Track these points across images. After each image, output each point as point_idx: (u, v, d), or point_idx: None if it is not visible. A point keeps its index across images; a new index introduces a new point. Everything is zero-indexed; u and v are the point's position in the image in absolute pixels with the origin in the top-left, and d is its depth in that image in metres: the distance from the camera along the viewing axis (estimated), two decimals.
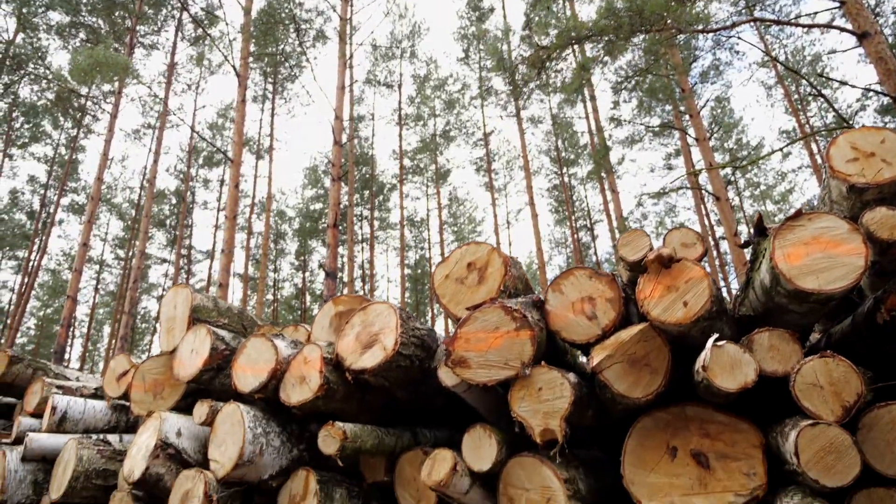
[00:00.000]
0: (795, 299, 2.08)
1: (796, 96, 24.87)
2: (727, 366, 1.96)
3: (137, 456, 2.93)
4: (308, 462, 2.78)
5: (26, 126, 27.52)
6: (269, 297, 32.62)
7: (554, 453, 2.23)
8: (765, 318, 2.34)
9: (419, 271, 31.64)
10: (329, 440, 2.45)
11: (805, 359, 1.96)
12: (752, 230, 2.45)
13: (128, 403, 3.70)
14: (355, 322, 2.72)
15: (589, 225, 30.40)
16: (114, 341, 28.76)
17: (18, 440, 3.74)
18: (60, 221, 32.54)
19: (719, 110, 26.09)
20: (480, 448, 2.34)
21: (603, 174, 20.80)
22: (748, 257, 2.56)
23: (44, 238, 28.05)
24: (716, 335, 2.02)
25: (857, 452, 1.81)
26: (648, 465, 2.18)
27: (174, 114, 14.34)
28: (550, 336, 2.65)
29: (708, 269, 2.15)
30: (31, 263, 27.86)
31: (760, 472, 2.03)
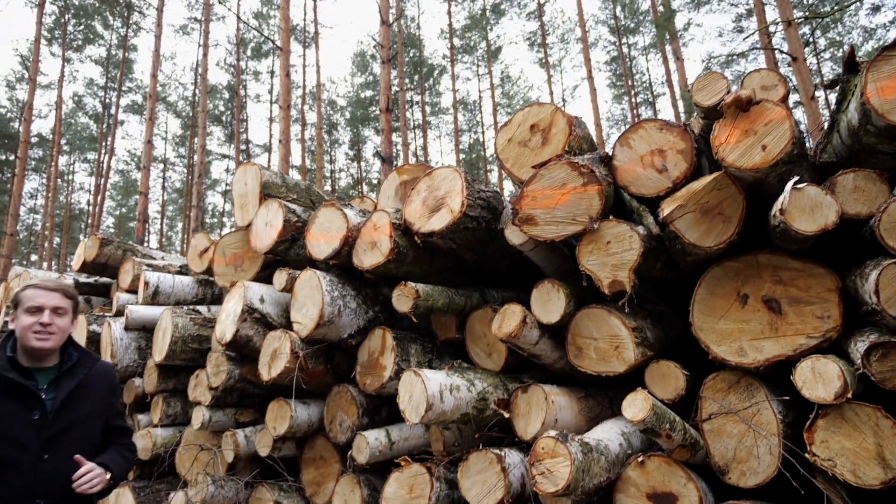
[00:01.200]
0: (886, 137, 1.96)
1: None
2: (806, 208, 1.90)
3: (227, 321, 3.18)
4: (383, 323, 2.95)
5: (78, 28, 27.68)
6: (327, 188, 33.22)
7: (622, 304, 2.28)
8: (848, 164, 2.22)
9: (473, 155, 31.27)
10: (403, 299, 2.58)
11: (893, 197, 1.87)
12: (840, 70, 2.27)
13: (211, 278, 3.96)
14: (421, 188, 2.75)
15: (650, 99, 28.90)
16: (186, 235, 30.32)
17: (119, 313, 4.09)
18: (123, 122, 33.46)
19: None
20: (549, 301, 2.41)
21: (667, 39, 19.40)
22: (832, 107, 2.39)
23: (110, 139, 29.04)
24: (796, 178, 1.95)
25: None
26: (718, 313, 2.20)
27: (220, 1, 14.02)
28: (618, 194, 2.62)
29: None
30: (102, 165, 29.10)
31: (835, 314, 2.02)
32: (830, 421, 1.87)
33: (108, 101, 30.60)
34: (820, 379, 1.85)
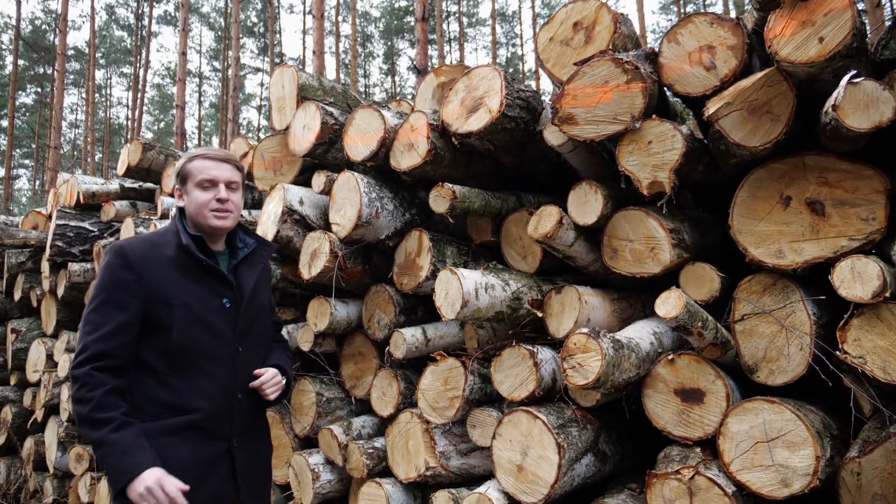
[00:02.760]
0: None
1: None
2: (861, 104, 1.82)
3: (268, 222, 3.27)
4: (420, 225, 2.99)
5: None
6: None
7: (661, 204, 2.26)
8: None
9: (511, 70, 30.32)
10: (440, 200, 2.60)
11: None
12: None
13: (251, 183, 4.03)
14: (459, 88, 2.71)
15: (701, 10, 27.24)
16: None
17: (164, 216, 4.24)
18: (156, 34, 33.18)
19: None
20: (586, 203, 2.41)
21: None
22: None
23: (145, 52, 28.94)
24: (853, 72, 1.86)
25: None
26: (758, 215, 2.17)
27: None
28: (661, 95, 2.55)
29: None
30: (138, 79, 29.18)
31: (881, 216, 1.98)
32: (865, 320, 1.88)
33: (140, 11, 30.25)
34: (859, 278, 1.84)
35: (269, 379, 1.91)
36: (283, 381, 1.99)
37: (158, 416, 1.75)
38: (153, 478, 1.62)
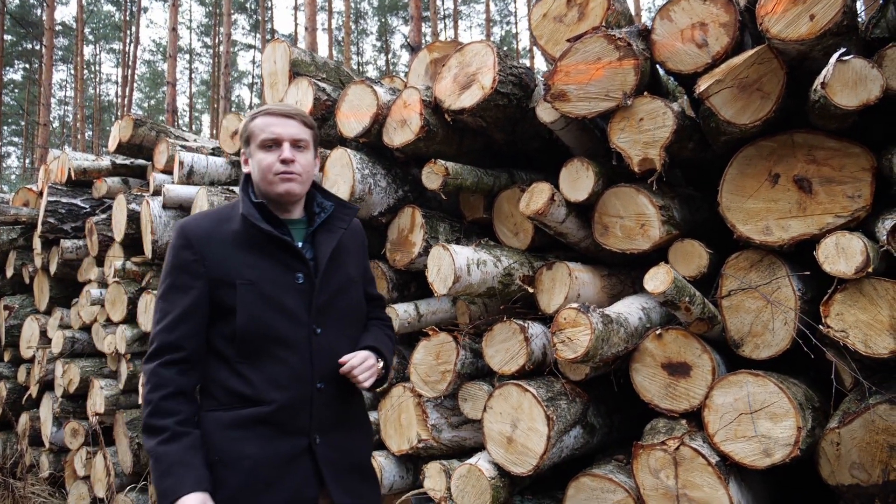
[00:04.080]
0: None
1: None
2: (850, 82, 1.84)
3: None
4: (412, 202, 3.01)
5: None
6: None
7: (651, 181, 2.28)
8: None
9: (505, 48, 30.07)
10: (432, 176, 2.61)
11: None
12: None
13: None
14: (452, 64, 2.71)
15: None
16: (214, 130, 30.34)
17: (156, 192, 4.23)
18: (146, 9, 32.65)
19: None
20: (578, 180, 2.43)
21: None
22: None
23: (135, 28, 28.50)
24: (842, 49, 1.87)
25: None
26: (747, 192, 2.20)
27: None
28: (654, 73, 2.55)
29: None
30: (128, 55, 28.77)
31: (866, 194, 2.01)
32: (848, 295, 1.92)
33: None
34: (843, 254, 1.87)
35: (359, 363, 1.64)
36: (380, 365, 1.73)
37: (230, 406, 1.58)
38: (195, 503, 1.44)
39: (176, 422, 1.51)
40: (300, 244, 1.66)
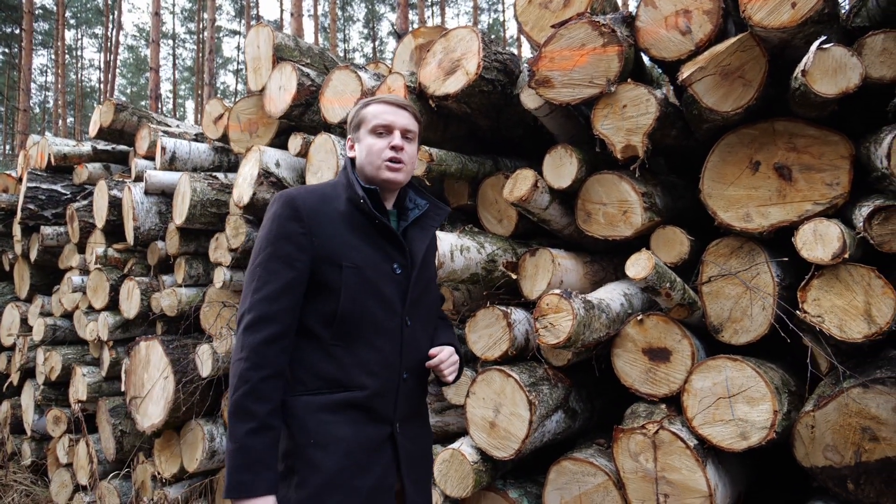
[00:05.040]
0: None
1: None
2: (830, 70, 1.86)
3: (244, 184, 3.25)
4: None
5: None
6: None
7: (634, 168, 2.30)
8: (881, 28, 2.14)
9: (493, 36, 29.97)
10: (416, 162, 2.60)
11: None
12: None
13: (227, 146, 3.99)
14: (437, 49, 2.70)
15: None
16: (198, 116, 30.00)
17: (138, 178, 4.18)
18: None
19: None
20: (561, 166, 2.43)
21: None
22: None
23: (117, 12, 28.02)
24: (823, 37, 1.89)
25: None
26: (728, 180, 2.22)
27: None
28: (638, 60, 2.56)
29: None
30: (110, 40, 28.29)
31: (844, 181, 2.04)
32: (825, 281, 1.95)
33: None
34: (820, 240, 1.90)
35: (447, 358, 1.68)
36: (458, 363, 1.77)
37: (319, 391, 1.56)
38: None
39: (268, 412, 1.48)
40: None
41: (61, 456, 4.35)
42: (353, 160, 1.69)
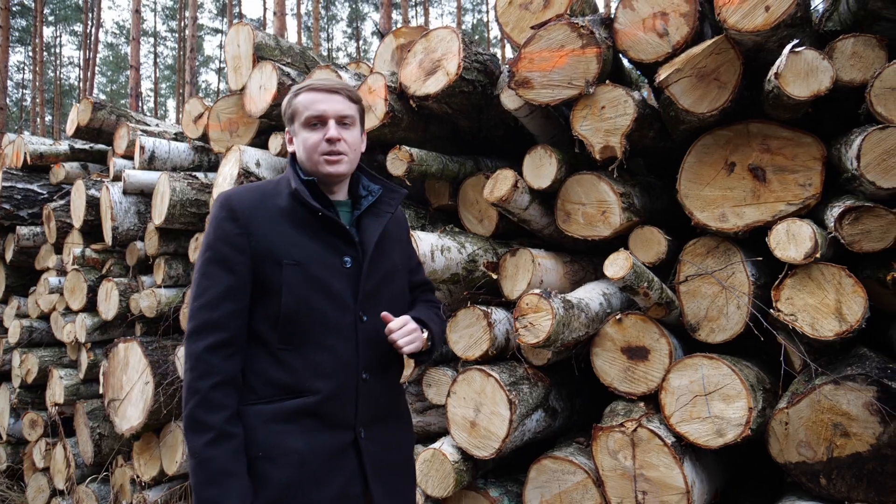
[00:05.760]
0: (892, 1, 1.91)
1: None
2: (802, 73, 1.89)
3: (224, 184, 3.23)
4: None
5: None
6: None
7: (612, 169, 2.32)
8: (852, 32, 2.18)
9: (476, 37, 30.01)
10: (397, 162, 2.61)
11: (889, 63, 1.87)
12: None
13: (208, 145, 3.95)
14: (417, 50, 2.70)
15: None
16: (180, 115, 29.69)
17: (116, 178, 4.13)
18: None
19: None
20: (541, 167, 2.45)
21: None
22: None
23: (96, 9, 27.65)
24: (795, 41, 1.92)
25: None
26: (704, 180, 2.25)
27: None
28: (617, 62, 2.58)
29: None
30: (89, 38, 27.90)
31: (816, 182, 2.08)
32: (798, 280, 1.98)
33: None
34: (793, 240, 1.93)
35: (399, 327, 1.53)
36: (425, 335, 1.62)
37: (271, 399, 1.48)
38: None
39: (224, 419, 1.41)
40: (347, 225, 1.56)
41: (38, 460, 4.29)
42: (294, 155, 1.61)
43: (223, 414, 1.41)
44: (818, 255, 1.88)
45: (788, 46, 1.91)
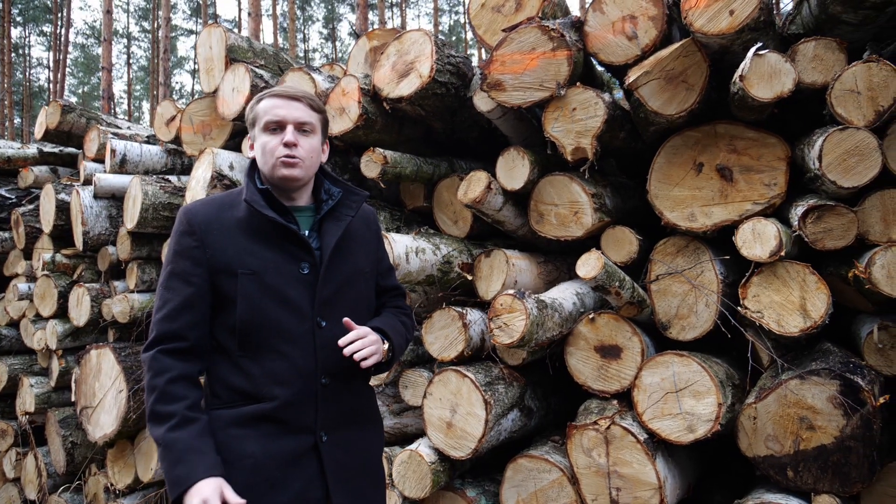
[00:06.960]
0: (850, 5, 1.97)
1: None
2: (765, 75, 1.94)
3: (197, 187, 3.19)
4: None
5: None
6: None
7: (583, 170, 2.35)
8: (814, 35, 2.24)
9: (453, 38, 30.05)
10: (371, 164, 2.61)
11: (848, 66, 1.92)
12: None
13: (180, 148, 3.91)
14: (390, 52, 2.71)
15: None
16: (154, 116, 29.24)
17: (87, 182, 4.06)
18: None
19: None
20: (514, 168, 2.47)
21: None
22: None
23: (66, 10, 27.13)
24: (759, 44, 1.97)
25: (879, 155, 1.87)
26: (673, 181, 2.29)
27: None
28: (588, 64, 2.61)
29: None
30: (59, 38, 27.37)
31: (781, 182, 2.12)
32: (763, 277, 2.03)
33: None
34: (758, 239, 1.98)
35: (356, 338, 1.52)
36: (385, 346, 1.62)
37: (231, 404, 1.52)
38: (210, 489, 1.36)
39: (185, 406, 1.44)
40: (306, 233, 1.58)
41: (8, 470, 4.20)
42: (254, 161, 1.62)
43: (184, 403, 1.45)
44: (783, 254, 1.93)
45: (752, 49, 1.95)
